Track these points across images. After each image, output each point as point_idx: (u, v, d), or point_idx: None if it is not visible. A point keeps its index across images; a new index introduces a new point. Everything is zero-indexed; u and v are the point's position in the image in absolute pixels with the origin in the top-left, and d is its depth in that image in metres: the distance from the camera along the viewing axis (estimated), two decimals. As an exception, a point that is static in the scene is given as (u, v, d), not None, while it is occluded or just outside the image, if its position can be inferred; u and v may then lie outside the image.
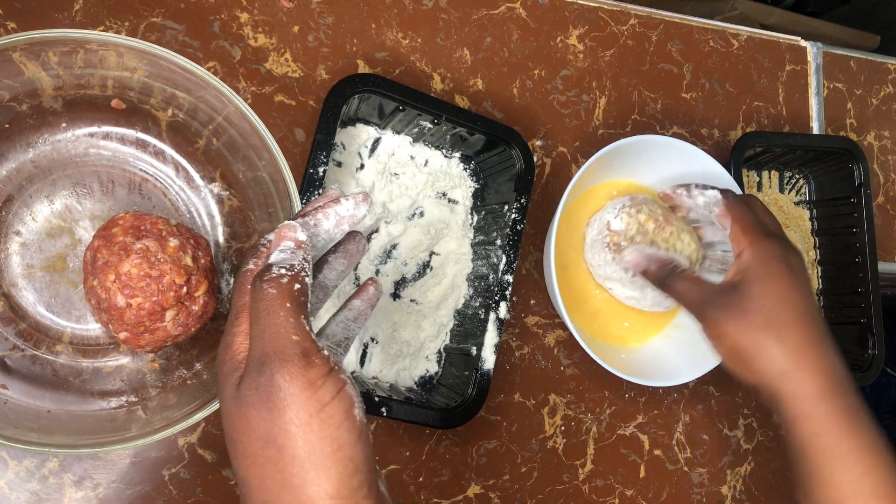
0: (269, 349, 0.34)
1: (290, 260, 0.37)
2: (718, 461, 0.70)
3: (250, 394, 0.33)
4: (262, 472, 0.33)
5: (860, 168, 0.73)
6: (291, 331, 0.34)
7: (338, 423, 0.33)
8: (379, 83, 0.55)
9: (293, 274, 0.36)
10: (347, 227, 0.42)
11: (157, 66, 0.47)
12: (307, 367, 0.33)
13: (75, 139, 0.51)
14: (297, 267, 0.36)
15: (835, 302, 0.76)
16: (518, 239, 0.59)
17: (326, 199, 0.42)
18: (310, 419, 0.33)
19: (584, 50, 0.70)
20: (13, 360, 0.48)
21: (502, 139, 0.59)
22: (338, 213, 0.41)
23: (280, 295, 0.35)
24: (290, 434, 0.33)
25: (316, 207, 0.42)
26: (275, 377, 0.33)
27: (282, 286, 0.35)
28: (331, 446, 0.33)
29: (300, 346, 0.34)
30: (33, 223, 0.50)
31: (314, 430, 0.33)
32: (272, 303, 0.34)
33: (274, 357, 0.33)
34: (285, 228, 0.38)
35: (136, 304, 0.45)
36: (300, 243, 0.38)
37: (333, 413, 0.33)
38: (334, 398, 0.33)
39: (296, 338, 0.34)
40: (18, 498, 0.50)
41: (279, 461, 0.33)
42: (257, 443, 0.33)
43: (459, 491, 0.61)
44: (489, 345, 0.58)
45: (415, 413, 0.55)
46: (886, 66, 0.85)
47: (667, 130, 0.72)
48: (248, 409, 0.33)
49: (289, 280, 0.35)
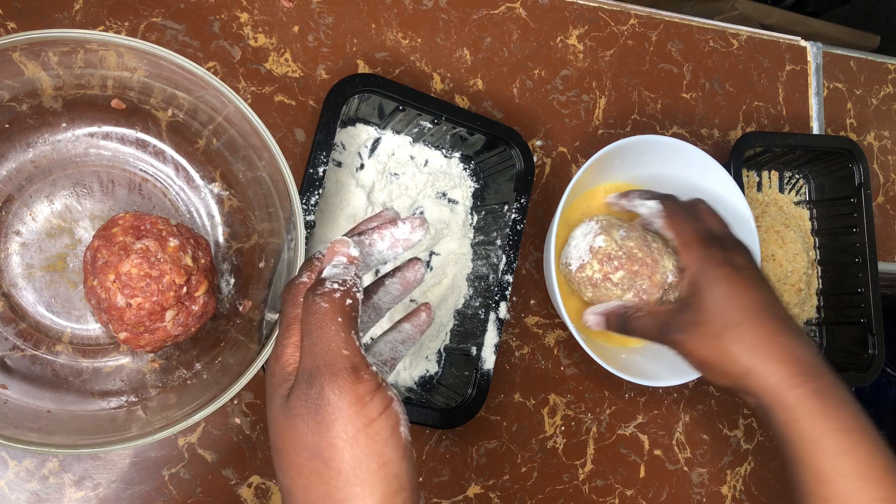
0: (319, 362, 0.34)
1: (343, 275, 0.37)
2: (718, 461, 0.70)
3: (299, 405, 0.34)
4: (307, 483, 0.33)
5: (860, 168, 0.73)
6: (342, 345, 0.34)
7: (384, 439, 0.33)
8: (379, 83, 0.55)
9: (345, 289, 0.36)
10: (401, 249, 0.42)
11: (157, 66, 0.47)
12: (356, 382, 0.33)
13: (75, 139, 0.51)
14: (350, 282, 0.37)
15: (835, 302, 0.76)
16: (518, 239, 0.59)
17: (382, 219, 0.43)
18: (357, 434, 0.33)
19: (584, 50, 0.70)
20: (13, 360, 0.48)
21: (502, 139, 0.59)
22: (393, 236, 0.42)
23: (332, 309, 0.35)
24: (336, 448, 0.33)
25: (372, 227, 0.42)
26: (324, 390, 0.33)
27: (334, 301, 0.35)
28: (377, 462, 0.33)
29: (350, 360, 0.34)
30: (33, 223, 0.50)
31: (361, 446, 0.33)
32: (324, 317, 0.35)
33: (324, 370, 0.33)
34: (338, 244, 0.39)
35: (136, 304, 0.45)
36: (353, 259, 0.38)
37: (380, 429, 0.33)
38: (381, 414, 0.33)
39: (346, 352, 0.34)
40: (18, 498, 0.50)
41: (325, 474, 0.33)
42: (304, 454, 0.33)
43: (459, 491, 0.61)
44: (489, 345, 0.58)
45: (415, 413, 0.55)
46: (886, 66, 0.85)
47: (667, 130, 0.72)
48: (297, 421, 0.34)
49: (341, 295, 0.36)
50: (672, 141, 0.62)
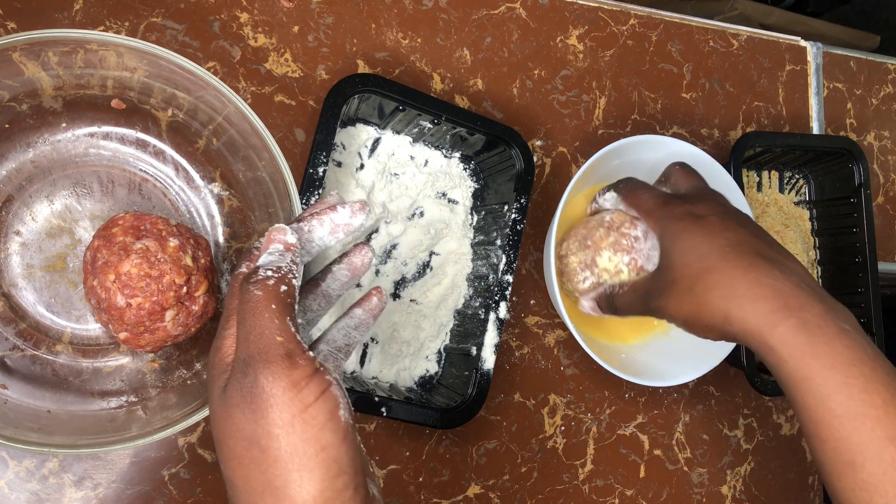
0: (253, 350, 0.34)
1: (278, 262, 0.37)
2: (718, 461, 0.70)
3: (235, 395, 0.33)
4: (247, 473, 0.33)
5: (860, 168, 0.73)
6: (276, 332, 0.34)
7: (321, 423, 0.33)
8: (379, 83, 0.55)
9: (280, 276, 0.36)
10: (342, 234, 0.42)
11: (157, 66, 0.47)
12: (290, 368, 0.33)
13: (75, 139, 0.51)
14: (285, 269, 0.36)
15: (835, 302, 0.76)
16: (518, 239, 0.59)
17: (324, 204, 0.42)
18: (292, 420, 0.33)
19: (584, 50, 0.70)
20: (13, 360, 0.48)
21: (502, 139, 0.59)
22: (333, 221, 0.41)
23: (265, 297, 0.35)
24: (272, 435, 0.33)
25: (312, 213, 0.42)
26: (258, 378, 0.33)
27: (268, 288, 0.35)
28: (314, 447, 0.33)
29: (284, 347, 0.34)
30: (33, 223, 0.50)
31: (297, 431, 0.33)
32: (258, 304, 0.35)
33: (258, 358, 0.33)
34: (275, 231, 0.38)
35: (136, 304, 0.45)
36: (289, 246, 0.38)
37: (317, 414, 0.33)
38: (318, 399, 0.33)
39: (280, 339, 0.34)
40: (18, 498, 0.50)
41: (263, 462, 0.33)
42: (242, 444, 0.33)
43: (459, 491, 0.61)
44: (489, 345, 0.58)
45: (415, 413, 0.55)
46: (886, 66, 0.85)
47: (667, 130, 0.72)
48: (233, 410, 0.33)
49: (275, 282, 0.35)
50: (672, 141, 0.62)
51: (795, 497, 0.73)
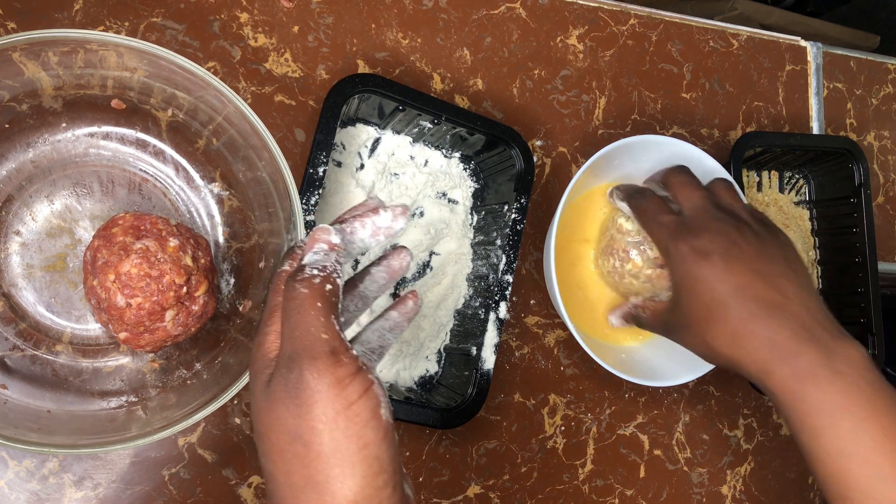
0: (298, 347, 0.34)
1: (323, 261, 0.37)
2: (718, 461, 0.70)
3: (280, 389, 0.34)
4: (289, 467, 0.34)
5: (860, 168, 0.73)
6: (321, 329, 0.34)
7: (364, 421, 0.33)
8: (379, 83, 0.55)
9: (325, 275, 0.36)
10: (383, 237, 0.42)
11: (157, 66, 0.47)
12: (335, 365, 0.34)
13: (75, 139, 0.51)
14: (329, 268, 0.37)
15: (835, 302, 0.76)
16: (518, 239, 0.59)
17: (365, 207, 0.43)
18: (336, 416, 0.33)
19: (584, 50, 0.70)
20: (13, 360, 0.48)
21: (502, 139, 0.59)
22: (375, 224, 0.42)
23: (311, 294, 0.35)
24: (316, 430, 0.33)
25: (354, 215, 0.42)
26: (304, 374, 0.33)
27: (313, 286, 0.36)
28: (356, 444, 0.33)
29: (329, 344, 0.34)
30: (33, 223, 0.50)
31: (340, 428, 0.33)
32: (303, 302, 0.35)
33: (304, 354, 0.34)
34: (319, 231, 0.39)
35: (136, 304, 0.45)
36: (333, 246, 0.39)
37: (360, 411, 0.33)
38: (361, 397, 0.34)
39: (325, 336, 0.34)
40: (18, 498, 0.50)
41: (305, 457, 0.33)
42: (285, 438, 0.34)
43: (459, 491, 0.61)
44: (489, 345, 0.58)
45: (415, 413, 0.55)
46: (886, 66, 0.85)
47: (667, 130, 0.72)
48: (277, 405, 0.34)
49: (320, 280, 0.36)
50: (672, 141, 0.62)
51: (795, 497, 0.73)
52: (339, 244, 0.39)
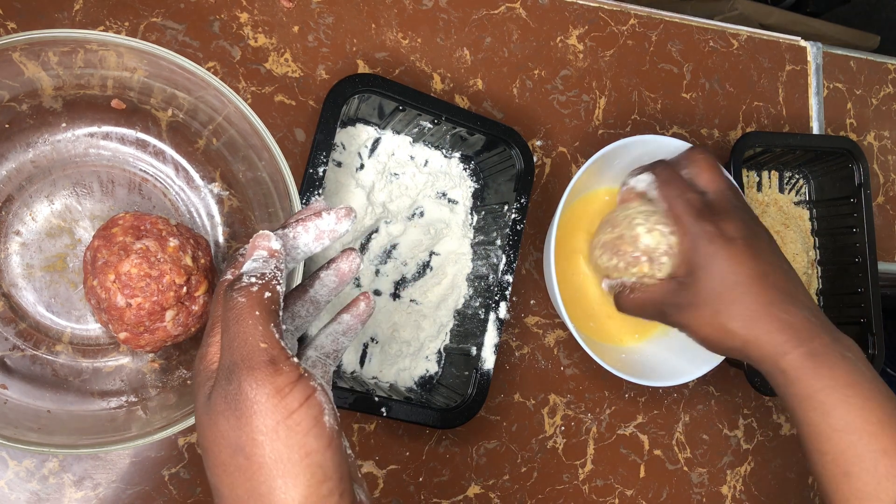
0: (236, 357, 0.33)
1: (262, 269, 0.37)
2: (718, 461, 0.70)
3: (220, 402, 0.33)
4: (232, 480, 0.33)
5: (860, 168, 0.73)
6: (259, 338, 0.34)
7: (305, 430, 0.33)
8: (379, 83, 0.55)
9: (263, 282, 0.36)
10: (328, 241, 0.41)
11: (157, 66, 0.47)
12: (274, 375, 0.33)
13: (75, 139, 0.51)
14: (269, 275, 0.36)
15: (835, 302, 0.76)
16: (518, 239, 0.59)
17: (310, 210, 0.42)
18: (276, 426, 0.32)
19: (584, 50, 0.70)
20: (13, 360, 0.48)
21: (502, 139, 0.59)
22: (318, 227, 0.41)
23: (249, 303, 0.35)
24: (257, 442, 0.32)
25: (297, 219, 0.41)
26: (242, 384, 0.33)
27: (251, 294, 0.35)
28: (298, 454, 0.33)
29: (268, 353, 0.33)
30: (33, 223, 0.50)
31: (281, 438, 0.32)
32: (241, 311, 0.34)
33: (242, 365, 0.33)
34: (259, 238, 0.38)
35: (136, 304, 0.45)
36: (273, 252, 0.38)
37: (301, 420, 0.33)
38: (302, 405, 0.33)
39: (264, 345, 0.34)
40: (18, 498, 0.50)
41: (248, 469, 0.33)
42: (227, 451, 0.33)
43: (459, 491, 0.61)
44: (489, 345, 0.58)
45: (415, 413, 0.55)
46: (886, 66, 0.85)
47: (667, 130, 0.72)
48: (218, 418, 0.33)
49: (259, 288, 0.35)
50: (672, 141, 0.62)
51: (795, 497, 0.73)
52: (279, 250, 0.38)
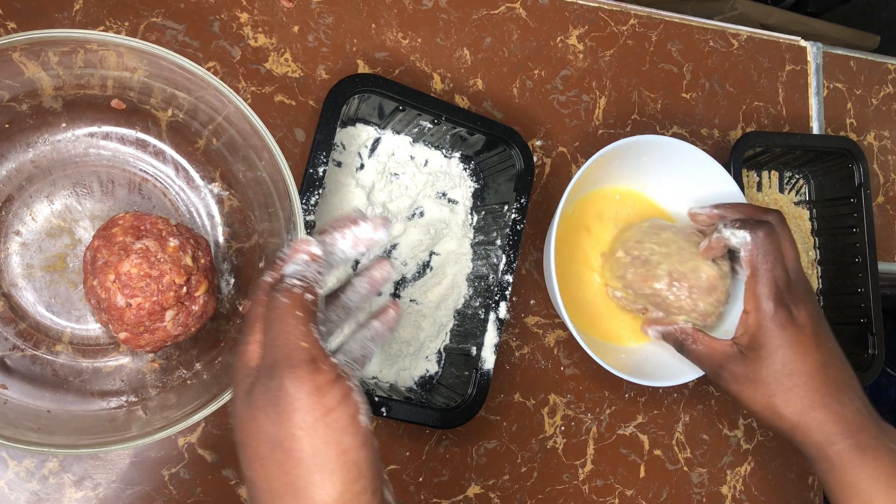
0: (279, 355, 0.35)
1: (304, 272, 0.38)
2: (718, 461, 0.70)
3: (260, 398, 0.35)
4: (269, 474, 0.34)
5: (860, 168, 0.73)
6: (301, 338, 0.35)
7: (343, 427, 0.34)
8: (379, 83, 0.55)
9: (305, 285, 0.38)
10: (364, 248, 0.43)
11: (157, 66, 0.47)
12: (314, 373, 0.34)
13: (75, 139, 0.51)
14: (310, 278, 0.38)
15: (835, 302, 0.76)
16: (518, 239, 0.59)
17: (347, 219, 0.44)
18: (315, 423, 0.34)
19: (584, 50, 0.70)
20: (13, 360, 0.48)
21: (502, 139, 0.59)
22: (355, 235, 0.43)
23: (292, 304, 0.36)
24: (296, 437, 0.34)
25: (335, 226, 0.43)
26: (283, 382, 0.34)
27: (294, 296, 0.37)
28: (335, 450, 0.34)
29: (308, 352, 0.35)
30: (33, 223, 0.50)
31: (319, 434, 0.34)
32: (284, 311, 0.36)
33: (284, 362, 0.35)
34: (301, 242, 0.40)
35: (136, 304, 0.45)
36: (314, 256, 0.40)
37: (339, 418, 0.34)
38: (340, 403, 0.34)
39: (304, 345, 0.35)
40: (18, 498, 0.50)
41: (285, 464, 0.34)
42: (265, 445, 0.34)
43: (459, 491, 0.61)
44: (489, 345, 0.58)
45: (415, 413, 0.55)
46: (886, 66, 0.85)
47: (667, 130, 0.72)
48: (258, 413, 0.35)
49: (301, 290, 0.37)
50: (672, 141, 0.62)
51: (795, 497, 0.73)
52: (320, 255, 0.40)
